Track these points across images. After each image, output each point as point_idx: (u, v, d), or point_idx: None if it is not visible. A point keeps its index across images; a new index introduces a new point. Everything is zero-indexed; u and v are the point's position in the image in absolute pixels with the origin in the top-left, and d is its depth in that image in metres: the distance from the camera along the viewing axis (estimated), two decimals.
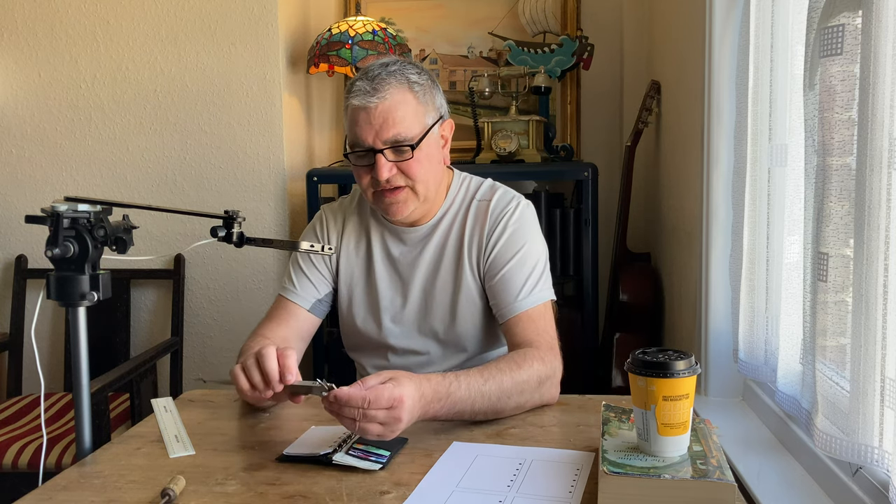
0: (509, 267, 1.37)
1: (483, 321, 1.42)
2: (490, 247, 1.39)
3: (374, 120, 1.28)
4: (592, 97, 2.78)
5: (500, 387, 1.17)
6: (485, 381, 1.16)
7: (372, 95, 1.28)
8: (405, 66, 1.33)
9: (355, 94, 1.29)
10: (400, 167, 1.31)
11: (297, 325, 1.43)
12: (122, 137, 2.54)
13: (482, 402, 1.15)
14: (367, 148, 1.30)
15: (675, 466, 0.89)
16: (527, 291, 1.35)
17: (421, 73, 1.34)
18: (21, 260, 2.56)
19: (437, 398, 1.10)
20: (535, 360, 1.24)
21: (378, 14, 2.78)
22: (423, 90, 1.33)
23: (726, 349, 1.75)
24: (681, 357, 0.93)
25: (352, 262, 1.47)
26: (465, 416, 1.17)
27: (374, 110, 1.28)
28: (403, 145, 1.29)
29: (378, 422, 1.02)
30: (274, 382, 1.12)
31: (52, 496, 0.99)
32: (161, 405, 1.30)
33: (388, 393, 1.02)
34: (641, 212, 2.70)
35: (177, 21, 2.49)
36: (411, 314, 1.43)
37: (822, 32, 1.11)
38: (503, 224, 1.39)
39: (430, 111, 1.34)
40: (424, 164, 1.32)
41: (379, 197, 1.34)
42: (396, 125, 1.28)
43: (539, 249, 1.41)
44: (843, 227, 1.11)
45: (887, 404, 1.00)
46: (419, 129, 1.31)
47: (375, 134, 1.28)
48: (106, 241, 1.09)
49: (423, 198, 1.36)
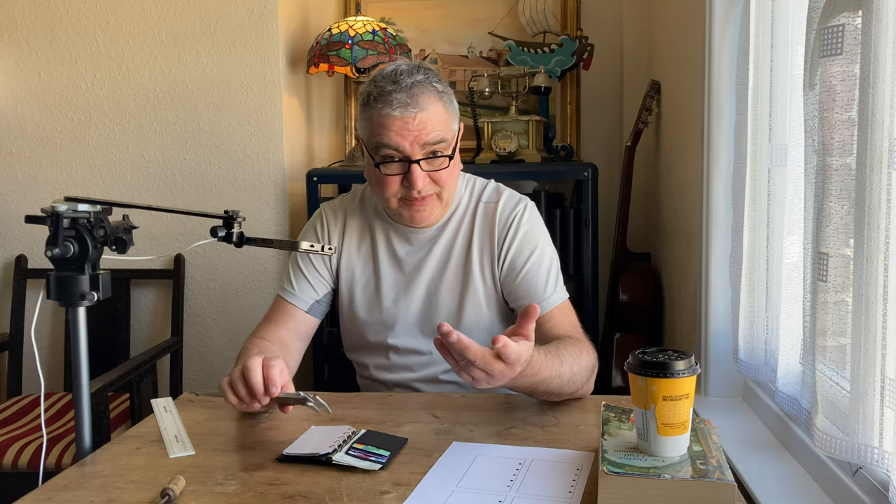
0: (529, 266, 1.40)
1: (488, 322, 1.44)
2: (504, 250, 1.41)
3: (412, 129, 1.28)
4: (592, 97, 2.78)
5: (570, 370, 1.21)
6: (561, 362, 1.19)
7: (410, 106, 1.27)
8: (429, 73, 1.33)
9: (389, 103, 1.27)
10: (432, 176, 1.32)
11: (296, 327, 1.44)
12: (122, 137, 2.54)
13: (556, 382, 1.19)
14: (403, 157, 1.30)
15: (675, 466, 0.89)
16: (552, 288, 1.39)
17: (441, 81, 1.35)
18: (21, 260, 2.56)
19: (531, 372, 1.12)
20: (587, 350, 1.30)
21: (378, 14, 2.78)
22: (449, 98, 1.34)
23: (726, 349, 1.75)
24: (681, 357, 0.93)
25: (353, 262, 1.47)
26: (537, 393, 1.20)
27: (413, 120, 1.27)
28: (442, 155, 1.31)
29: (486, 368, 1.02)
30: (259, 395, 1.13)
31: (52, 496, 0.99)
32: (161, 405, 1.30)
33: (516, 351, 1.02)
34: (641, 212, 2.70)
35: (177, 21, 2.49)
36: (415, 314, 1.44)
37: (822, 32, 1.11)
38: (515, 225, 1.42)
39: (454, 118, 1.36)
40: (453, 171, 1.35)
41: (405, 204, 1.35)
42: (433, 134, 1.29)
43: (551, 248, 1.45)
44: (843, 227, 1.11)
45: (887, 404, 1.00)
46: (451, 137, 1.33)
47: (414, 143, 1.28)
48: (106, 241, 1.09)
49: (446, 203, 1.38)
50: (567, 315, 1.39)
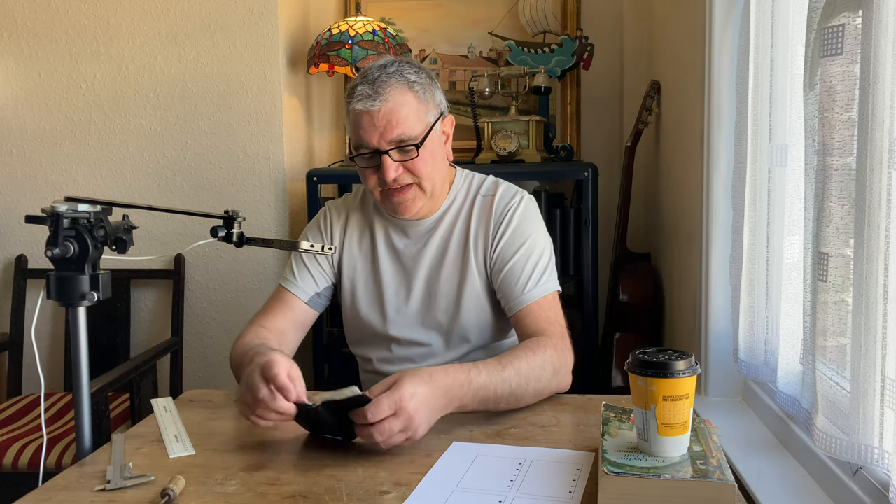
0: (516, 259, 1.40)
1: (486, 313, 1.45)
2: (496, 240, 1.42)
3: (377, 122, 1.30)
4: (592, 97, 2.78)
5: (518, 372, 1.20)
6: (503, 367, 1.19)
7: (374, 99, 1.30)
8: (403, 66, 1.35)
9: (357, 99, 1.31)
10: (406, 166, 1.34)
11: (294, 317, 1.46)
12: (122, 137, 2.54)
13: (503, 387, 1.18)
14: (373, 150, 1.33)
15: (675, 466, 0.89)
16: (533, 283, 1.38)
17: (419, 72, 1.36)
18: (21, 260, 2.56)
19: (457, 385, 1.12)
20: (549, 346, 1.27)
21: (378, 14, 2.78)
22: (423, 89, 1.35)
23: (726, 349, 1.75)
24: (681, 357, 0.93)
25: (354, 256, 1.49)
26: (490, 403, 1.19)
27: (377, 113, 1.30)
28: (408, 145, 1.32)
29: (395, 431, 1.03)
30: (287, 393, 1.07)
31: (52, 496, 0.99)
32: (161, 405, 1.30)
33: (386, 401, 1.03)
34: (641, 212, 2.70)
35: (177, 21, 2.49)
36: (415, 306, 1.45)
37: (822, 32, 1.11)
38: (508, 217, 1.42)
39: (430, 109, 1.36)
40: (429, 161, 1.35)
41: (387, 196, 1.37)
42: (400, 126, 1.31)
43: (544, 242, 1.44)
44: (843, 227, 1.11)
45: (887, 404, 1.00)
46: (422, 127, 1.34)
47: (380, 135, 1.31)
48: (106, 241, 1.09)
49: (430, 194, 1.39)
50: (546, 311, 1.36)
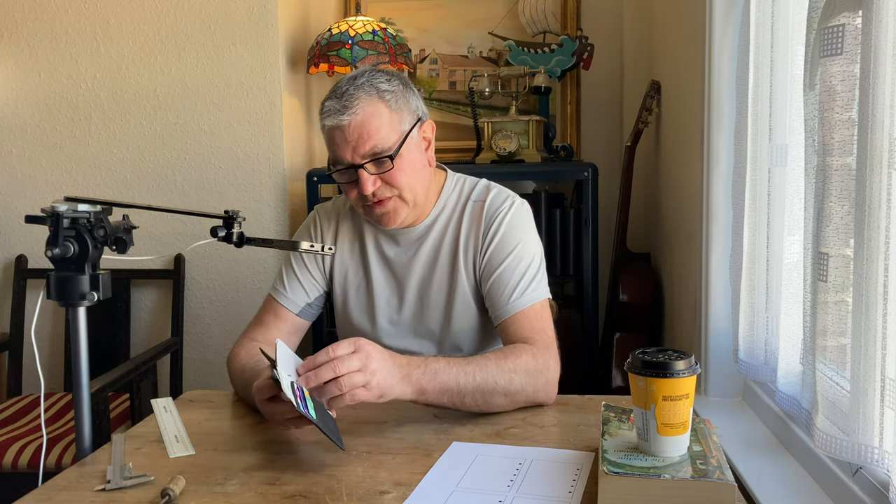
0: (503, 267, 1.36)
1: (478, 321, 1.42)
2: (485, 247, 1.39)
3: (349, 136, 1.27)
4: (592, 97, 2.78)
5: (483, 368, 1.18)
6: (467, 362, 1.19)
7: (342, 113, 1.26)
8: (374, 75, 1.31)
9: (327, 115, 1.28)
10: (383, 178, 1.30)
11: (286, 328, 1.44)
12: (122, 137, 2.54)
13: (466, 379, 1.16)
14: (348, 165, 1.29)
15: (675, 466, 0.89)
16: (520, 291, 1.34)
17: (391, 80, 1.32)
18: (21, 260, 2.56)
19: (414, 363, 1.14)
20: (525, 352, 1.25)
21: (378, 14, 2.78)
22: (395, 97, 1.30)
23: (726, 349, 1.75)
24: (681, 357, 0.93)
25: (346, 264, 1.47)
26: (455, 397, 1.17)
27: (348, 127, 1.27)
28: (383, 156, 1.28)
29: (353, 368, 1.04)
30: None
31: (52, 496, 0.99)
32: (161, 405, 1.30)
33: (345, 342, 1.07)
34: (641, 212, 2.70)
35: (177, 21, 2.49)
36: (407, 315, 1.44)
37: (822, 32, 1.11)
38: (497, 223, 1.39)
39: (405, 117, 1.32)
40: (407, 170, 1.31)
41: (369, 210, 1.34)
42: (372, 138, 1.27)
43: (533, 248, 1.39)
44: (843, 227, 1.11)
45: (887, 404, 1.00)
46: (396, 137, 1.29)
47: (353, 150, 1.27)
48: (106, 241, 1.09)
49: (413, 203, 1.35)
50: (531, 321, 1.32)
